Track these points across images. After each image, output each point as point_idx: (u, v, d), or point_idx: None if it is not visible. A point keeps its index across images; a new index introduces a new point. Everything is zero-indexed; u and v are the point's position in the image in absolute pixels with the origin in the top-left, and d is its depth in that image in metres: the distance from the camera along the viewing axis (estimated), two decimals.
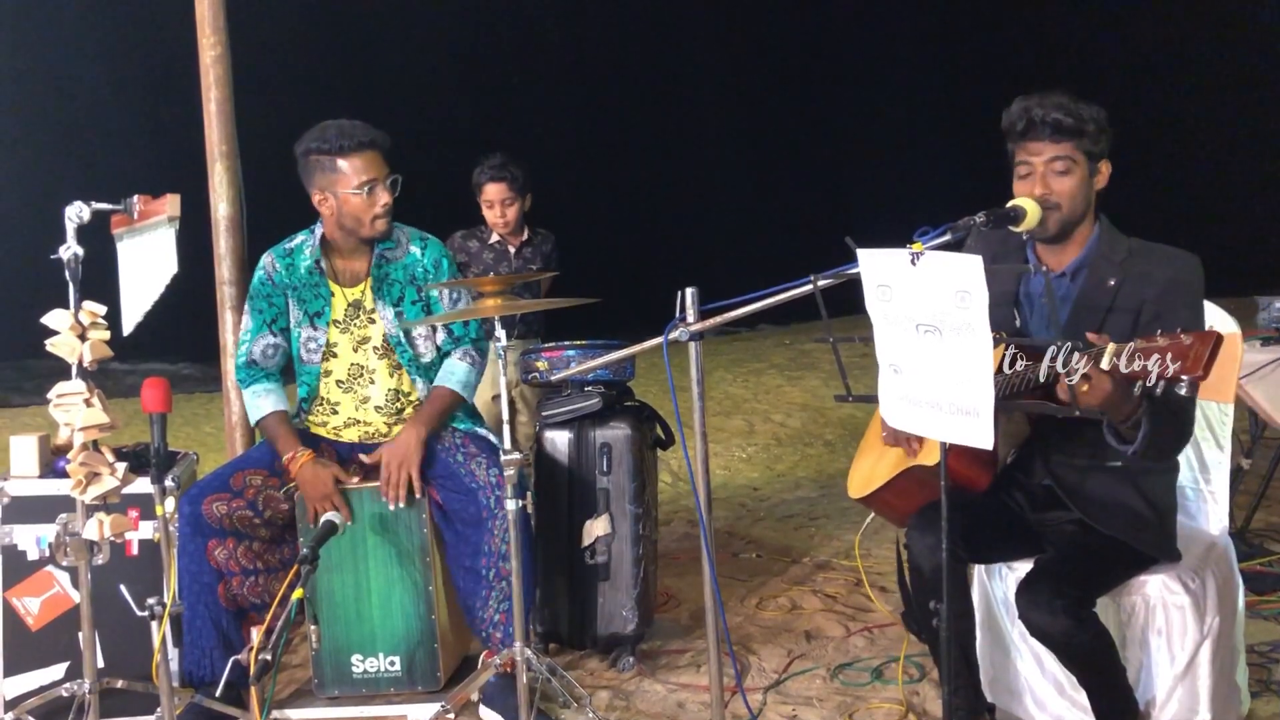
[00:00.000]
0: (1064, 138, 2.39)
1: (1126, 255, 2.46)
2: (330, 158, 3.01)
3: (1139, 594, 2.56)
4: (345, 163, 3.00)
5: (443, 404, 3.12)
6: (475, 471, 3.02)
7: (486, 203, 4.30)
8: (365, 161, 3.01)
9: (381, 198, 3.03)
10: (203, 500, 2.95)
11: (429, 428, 3.06)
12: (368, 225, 3.04)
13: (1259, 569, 3.73)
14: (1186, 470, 2.88)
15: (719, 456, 6.26)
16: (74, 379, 2.52)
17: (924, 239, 2.09)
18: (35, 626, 3.05)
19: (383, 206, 3.04)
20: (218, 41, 3.67)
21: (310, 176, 3.05)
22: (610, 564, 3.36)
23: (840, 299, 2.29)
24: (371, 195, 3.02)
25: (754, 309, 2.34)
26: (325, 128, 3.03)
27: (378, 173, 3.03)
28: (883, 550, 4.32)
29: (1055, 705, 2.70)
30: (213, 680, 2.90)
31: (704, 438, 2.42)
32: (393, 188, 3.06)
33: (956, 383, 1.95)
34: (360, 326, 3.15)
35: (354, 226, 3.05)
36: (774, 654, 3.42)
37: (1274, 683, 2.89)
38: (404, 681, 3.07)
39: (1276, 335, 3.80)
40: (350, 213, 3.03)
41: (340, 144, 2.99)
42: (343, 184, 3.01)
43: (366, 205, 3.02)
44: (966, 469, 2.39)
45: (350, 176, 3.01)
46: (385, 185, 3.04)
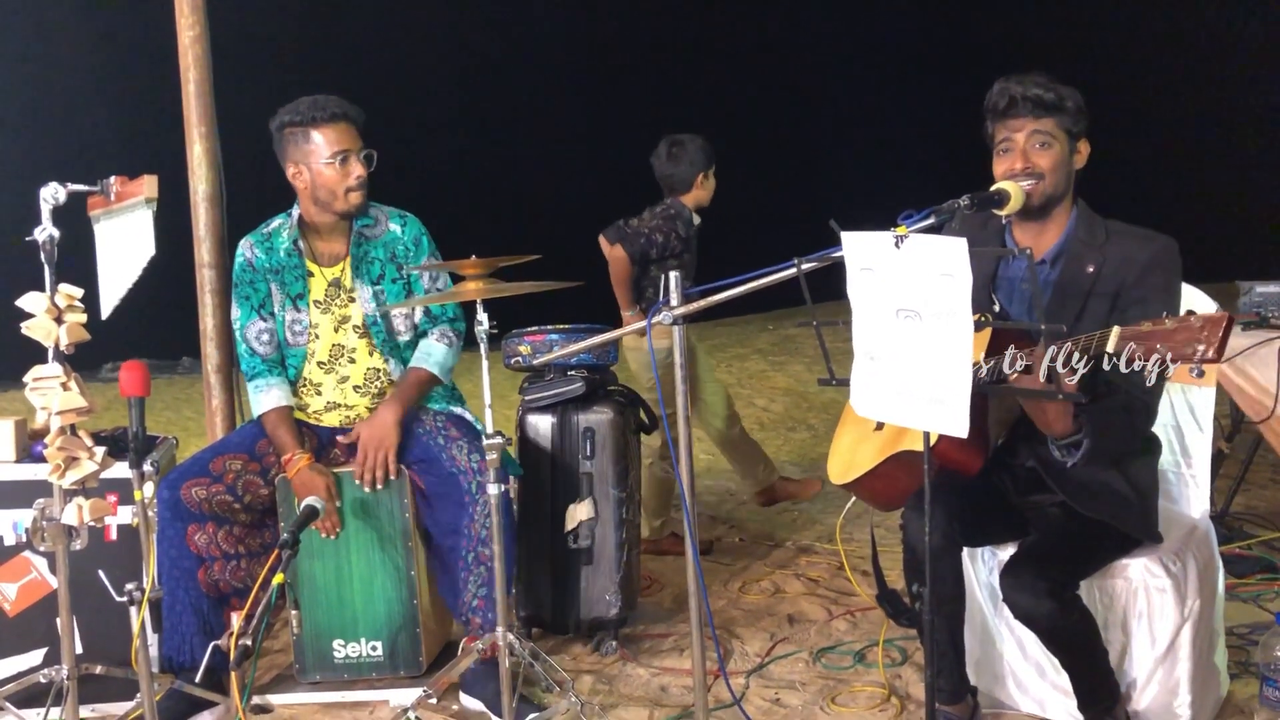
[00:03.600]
0: (1044, 113, 2.43)
1: (1105, 239, 2.47)
2: (303, 129, 3.00)
3: (1121, 577, 2.57)
4: (318, 134, 3.00)
5: (419, 385, 3.11)
6: (456, 456, 3.00)
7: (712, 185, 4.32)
8: (338, 133, 3.00)
9: (355, 170, 3.02)
10: (182, 485, 2.92)
11: (405, 408, 3.05)
12: (341, 198, 3.03)
13: (1238, 552, 3.76)
14: (1168, 453, 2.89)
15: (702, 440, 6.25)
16: (50, 362, 2.48)
17: (908, 222, 2.08)
18: (12, 612, 3.03)
19: (356, 179, 3.03)
20: (196, 21, 3.63)
21: (284, 150, 3.04)
22: (593, 548, 3.35)
23: (824, 283, 2.28)
24: (345, 167, 3.01)
25: (737, 293, 2.33)
26: (299, 101, 3.03)
27: (351, 145, 3.02)
28: (865, 534, 4.33)
29: (1037, 688, 2.72)
30: (193, 666, 2.89)
31: (687, 422, 2.42)
32: (367, 162, 3.05)
33: (933, 369, 1.94)
34: (341, 306, 3.13)
35: (328, 199, 3.04)
36: (756, 637, 3.43)
37: (1252, 665, 2.91)
38: (386, 666, 3.07)
39: (1257, 320, 3.82)
40: (324, 185, 3.02)
41: (313, 115, 2.99)
42: (316, 156, 3.00)
43: (340, 177, 3.01)
44: (958, 452, 2.39)
45: (323, 148, 3.00)
46: (359, 158, 3.04)
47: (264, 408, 3.09)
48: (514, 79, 10.78)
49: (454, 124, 10.45)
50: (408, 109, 9.30)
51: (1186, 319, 1.94)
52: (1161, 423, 2.88)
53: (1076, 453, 2.29)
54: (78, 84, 8.81)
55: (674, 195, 4.19)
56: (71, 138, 8.37)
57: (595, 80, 11.01)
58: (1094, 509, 2.48)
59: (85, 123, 8.60)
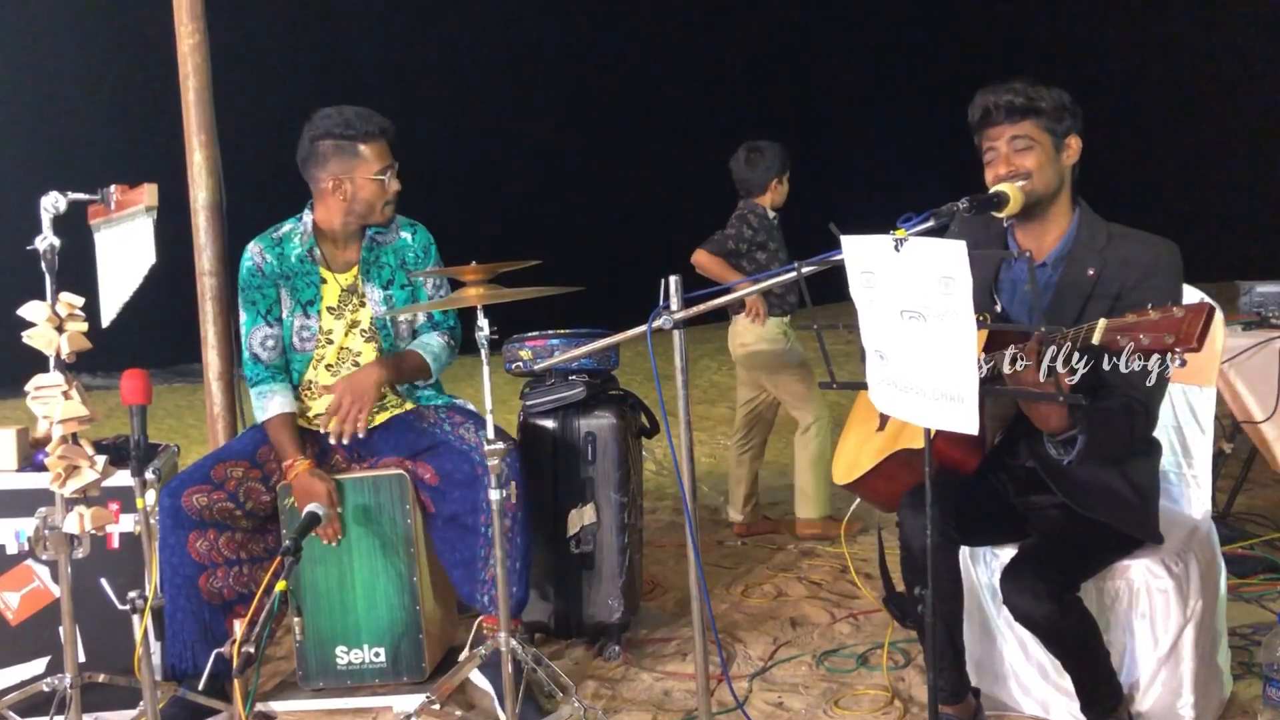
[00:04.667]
0: (1020, 117, 2.45)
1: (1106, 242, 2.47)
2: (351, 143, 3.03)
3: (1122, 578, 2.57)
4: (367, 149, 3.04)
5: (410, 362, 3.14)
6: (465, 435, 3.05)
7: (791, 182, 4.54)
8: (384, 149, 3.07)
9: (393, 186, 3.10)
10: (183, 492, 2.92)
11: (390, 374, 3.08)
12: (378, 211, 3.10)
13: (1241, 552, 3.76)
14: (1169, 454, 2.89)
15: (704, 445, 6.26)
16: (52, 371, 2.49)
17: (907, 225, 2.09)
18: (15, 621, 3.03)
19: (394, 194, 3.10)
20: (195, 29, 3.64)
21: (323, 161, 3.05)
22: (595, 553, 3.35)
23: (824, 286, 2.28)
24: (387, 183, 3.07)
25: (738, 296, 2.34)
26: (341, 112, 3.04)
27: (391, 161, 3.09)
28: (868, 536, 4.33)
29: (1039, 690, 2.71)
30: (195, 673, 2.88)
31: (688, 426, 2.42)
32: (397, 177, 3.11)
33: (941, 368, 1.94)
34: (353, 310, 3.15)
35: (365, 212, 3.09)
36: (760, 641, 3.43)
37: (1255, 665, 2.90)
38: (389, 673, 3.07)
39: (1258, 320, 3.82)
40: (365, 199, 3.06)
41: (364, 130, 3.03)
42: (363, 170, 3.04)
43: (381, 193, 3.07)
44: (954, 451, 2.40)
45: (372, 163, 3.04)
46: (395, 173, 3.09)
47: (267, 414, 3.10)
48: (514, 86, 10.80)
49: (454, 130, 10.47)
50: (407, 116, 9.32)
51: (1169, 309, 1.95)
52: (1162, 424, 2.88)
53: (1072, 450, 2.30)
54: (78, 93, 8.82)
55: (750, 198, 4.45)
56: (72, 146, 8.38)
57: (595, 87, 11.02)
58: (1093, 510, 2.48)
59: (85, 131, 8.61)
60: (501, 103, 10.73)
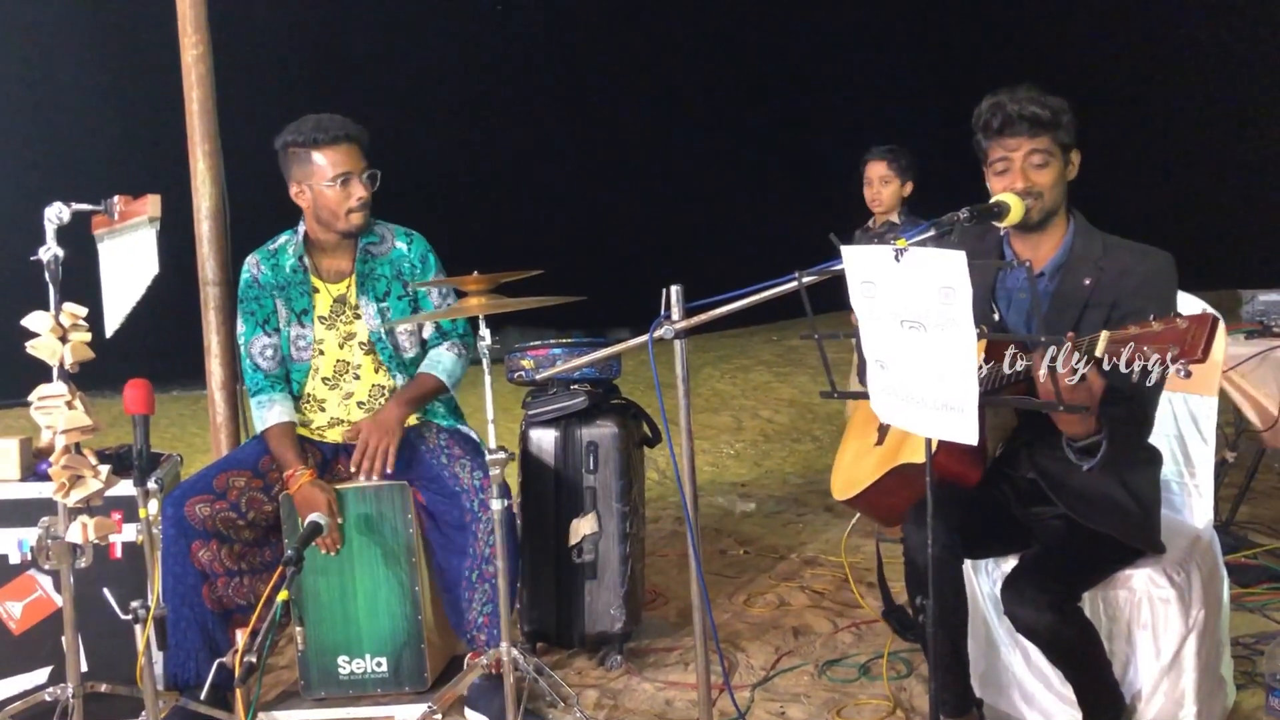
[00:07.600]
0: (1041, 131, 2.41)
1: (1102, 252, 2.47)
2: (306, 150, 3.03)
3: (1124, 588, 2.56)
4: (320, 155, 3.02)
5: (426, 388, 3.14)
6: (459, 475, 3.02)
7: (866, 180, 4.51)
8: (341, 155, 3.03)
9: (356, 191, 3.05)
10: (185, 502, 2.93)
11: (410, 409, 3.09)
12: (342, 219, 3.07)
13: (1244, 561, 3.75)
14: (1171, 463, 2.89)
15: (707, 453, 6.25)
16: (55, 381, 2.49)
17: (907, 235, 2.09)
18: (18, 631, 3.03)
19: (357, 200, 3.05)
20: (199, 40, 3.66)
21: (288, 169, 3.08)
22: (597, 562, 3.35)
23: (825, 296, 2.29)
24: (346, 188, 3.04)
25: (738, 306, 2.33)
26: (304, 121, 3.05)
27: (353, 166, 3.04)
28: (870, 546, 4.33)
29: (1043, 700, 2.71)
30: (198, 683, 2.88)
31: (690, 435, 2.42)
32: (370, 182, 3.08)
33: (941, 378, 1.95)
34: (346, 322, 3.15)
35: (329, 220, 3.07)
36: (762, 651, 3.42)
37: (1259, 675, 2.90)
38: (391, 682, 3.07)
39: (1260, 328, 3.82)
40: (325, 205, 3.05)
41: (315, 137, 3.01)
42: (318, 176, 3.03)
43: (341, 198, 3.04)
44: (956, 464, 2.39)
45: (325, 169, 3.02)
46: (361, 179, 3.06)
47: (267, 423, 3.10)
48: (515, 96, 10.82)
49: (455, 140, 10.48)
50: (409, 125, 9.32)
51: (1172, 320, 1.94)
52: (1164, 433, 2.88)
53: (1094, 457, 2.26)
54: (81, 103, 8.84)
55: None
56: (75, 157, 8.40)
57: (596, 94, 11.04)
58: (1095, 520, 2.48)
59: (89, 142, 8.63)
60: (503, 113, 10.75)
